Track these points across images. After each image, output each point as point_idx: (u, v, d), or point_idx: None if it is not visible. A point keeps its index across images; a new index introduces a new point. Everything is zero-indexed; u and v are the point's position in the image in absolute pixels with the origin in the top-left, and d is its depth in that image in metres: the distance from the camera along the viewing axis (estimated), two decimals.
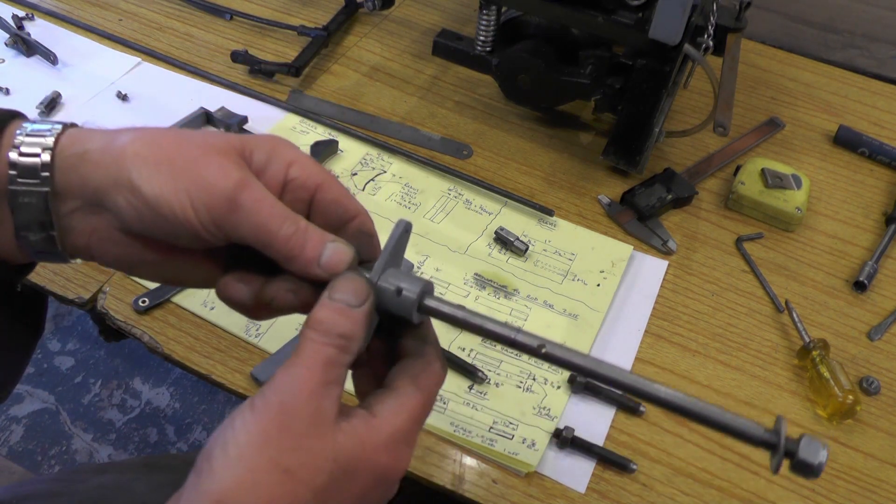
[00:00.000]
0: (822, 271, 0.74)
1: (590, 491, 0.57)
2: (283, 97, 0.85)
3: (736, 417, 0.35)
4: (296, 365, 0.35)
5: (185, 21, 0.95)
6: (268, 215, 0.36)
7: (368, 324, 0.37)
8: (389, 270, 0.38)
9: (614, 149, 0.77)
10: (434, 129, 0.84)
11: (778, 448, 0.34)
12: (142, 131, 0.37)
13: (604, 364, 0.36)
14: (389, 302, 0.38)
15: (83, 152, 0.36)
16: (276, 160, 0.38)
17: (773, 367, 0.66)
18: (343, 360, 0.35)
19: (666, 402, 0.36)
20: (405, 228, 0.39)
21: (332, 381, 0.34)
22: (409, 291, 0.37)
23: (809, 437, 0.33)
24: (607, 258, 0.72)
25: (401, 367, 0.38)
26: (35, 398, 1.35)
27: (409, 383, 0.37)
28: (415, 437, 0.37)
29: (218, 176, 0.35)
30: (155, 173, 0.35)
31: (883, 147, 0.85)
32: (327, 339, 0.35)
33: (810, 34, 1.03)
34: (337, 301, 0.36)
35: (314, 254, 0.37)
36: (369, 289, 0.37)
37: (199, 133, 0.38)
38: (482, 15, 0.76)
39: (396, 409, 0.36)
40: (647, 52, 0.69)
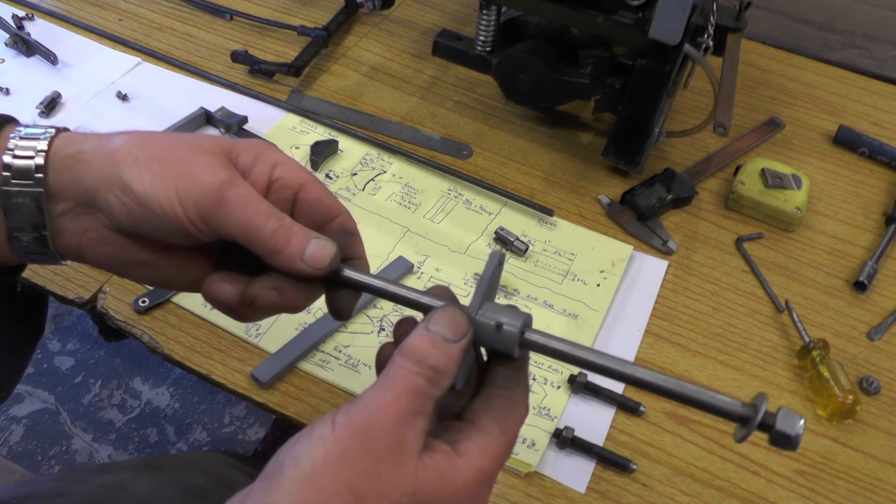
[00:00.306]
0: (822, 271, 0.74)
1: (590, 491, 0.57)
2: (283, 97, 0.85)
3: (714, 394, 0.35)
4: (384, 389, 0.33)
5: (185, 21, 0.95)
6: (253, 211, 0.37)
7: (463, 360, 0.36)
8: (487, 305, 0.38)
9: (614, 149, 0.77)
10: (434, 129, 0.84)
11: (753, 420, 0.34)
12: (134, 134, 0.38)
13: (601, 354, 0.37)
14: (489, 337, 0.37)
15: (76, 153, 0.37)
16: (262, 162, 0.40)
17: (773, 367, 0.66)
18: (432, 393, 0.34)
19: (646, 384, 0.36)
20: (499, 261, 0.39)
21: (419, 413, 0.33)
22: (510, 326, 0.37)
23: (786, 410, 0.34)
24: (607, 258, 0.72)
25: (487, 404, 0.37)
26: (35, 398, 1.35)
27: (496, 423, 0.36)
28: (494, 479, 0.36)
29: (205, 173, 0.37)
30: (145, 171, 0.36)
31: (883, 147, 0.85)
32: (419, 368, 0.34)
33: (810, 34, 1.03)
34: (433, 333, 0.35)
35: (298, 249, 0.38)
36: (469, 325, 0.36)
37: (189, 135, 0.39)
38: (482, 15, 0.76)
39: (482, 449, 0.35)
40: (647, 52, 0.69)
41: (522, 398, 0.38)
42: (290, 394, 0.61)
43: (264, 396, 0.60)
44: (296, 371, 0.62)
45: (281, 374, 0.61)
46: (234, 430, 1.33)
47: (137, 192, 0.36)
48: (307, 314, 0.65)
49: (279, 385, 0.61)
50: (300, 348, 0.62)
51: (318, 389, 0.61)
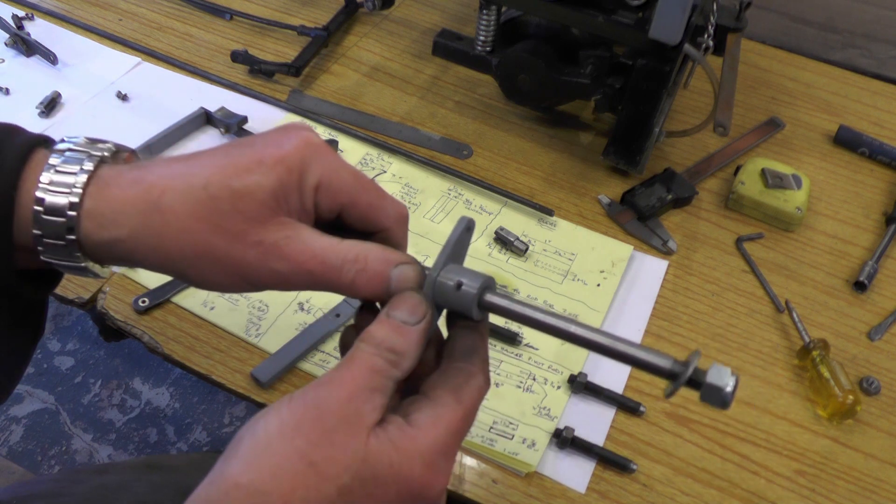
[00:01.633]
0: (823, 271, 0.74)
1: (590, 491, 0.57)
2: (283, 97, 0.85)
3: (647, 351, 0.35)
4: (341, 367, 0.34)
5: (185, 21, 0.95)
6: (322, 272, 0.36)
7: (423, 341, 0.36)
8: (450, 265, 0.38)
9: (614, 149, 0.77)
10: (434, 129, 0.84)
11: (682, 375, 0.33)
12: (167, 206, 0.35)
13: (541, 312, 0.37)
14: (449, 297, 0.37)
15: (112, 241, 0.35)
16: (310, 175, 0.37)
17: (774, 367, 0.66)
18: (391, 373, 0.35)
19: (579, 339, 0.36)
20: (467, 226, 0.39)
21: (376, 389, 0.34)
22: (468, 286, 0.37)
23: (718, 365, 0.33)
24: (607, 258, 0.72)
25: (442, 376, 0.37)
26: (35, 398, 1.35)
27: (450, 394, 0.36)
28: (453, 452, 0.36)
29: (260, 255, 0.36)
30: (201, 266, 0.36)
31: (883, 147, 0.85)
32: (378, 350, 0.35)
33: (810, 34, 1.03)
34: (394, 318, 0.36)
35: (381, 287, 0.37)
36: (427, 307, 0.37)
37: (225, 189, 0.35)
38: (482, 15, 0.76)
39: (434, 420, 0.35)
40: (647, 52, 0.69)
41: (480, 369, 0.38)
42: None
43: (264, 396, 0.60)
44: (296, 371, 0.62)
45: (281, 374, 0.61)
46: (234, 430, 1.33)
47: (197, 282, 0.37)
48: (307, 314, 0.65)
49: (279, 385, 0.61)
50: (300, 348, 0.62)
51: None
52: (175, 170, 0.36)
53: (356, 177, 0.39)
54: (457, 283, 0.37)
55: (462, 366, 0.37)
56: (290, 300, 0.66)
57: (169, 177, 0.36)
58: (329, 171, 0.37)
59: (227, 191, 0.35)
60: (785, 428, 0.62)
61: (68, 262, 0.36)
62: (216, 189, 0.35)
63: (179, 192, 0.35)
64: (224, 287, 0.37)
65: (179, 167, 0.36)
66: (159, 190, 0.35)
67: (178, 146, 0.79)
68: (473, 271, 0.38)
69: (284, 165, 0.36)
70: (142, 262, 0.36)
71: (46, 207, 0.35)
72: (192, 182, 0.35)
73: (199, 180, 0.35)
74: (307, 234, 0.36)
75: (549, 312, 0.37)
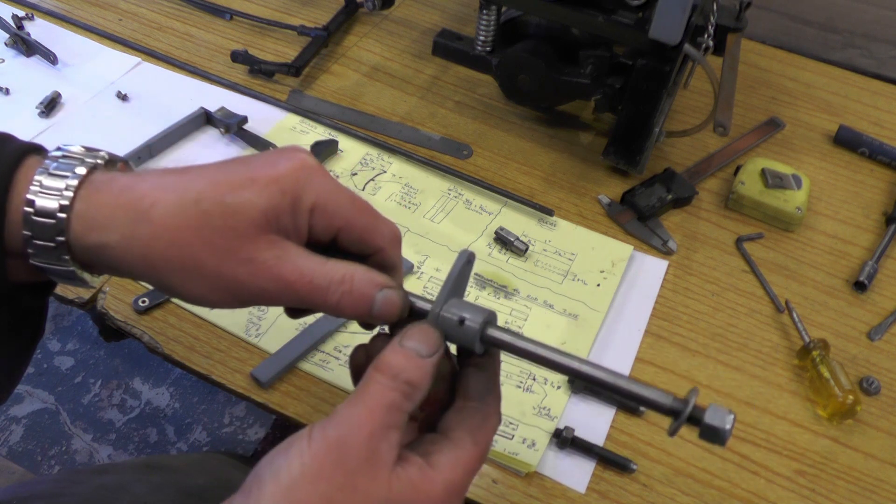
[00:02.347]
0: (823, 271, 0.74)
1: (590, 491, 0.57)
2: (283, 97, 0.85)
3: (647, 387, 0.36)
4: (358, 404, 0.34)
5: (185, 21, 0.95)
6: (308, 292, 0.37)
7: (435, 373, 0.37)
8: (452, 301, 0.39)
9: (614, 149, 0.77)
10: (434, 129, 0.84)
11: (683, 414, 0.35)
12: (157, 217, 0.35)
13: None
14: (452, 332, 0.38)
15: (100, 246, 0.35)
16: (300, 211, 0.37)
17: (774, 367, 0.66)
18: (406, 406, 0.35)
19: (581, 374, 0.37)
20: (468, 259, 0.40)
21: (393, 426, 0.34)
22: (471, 321, 0.38)
23: (716, 406, 0.35)
24: (607, 258, 0.72)
25: (460, 416, 0.38)
26: (35, 398, 1.35)
27: (468, 436, 0.37)
28: (466, 490, 0.37)
29: (249, 273, 0.36)
30: (188, 280, 0.36)
31: (883, 147, 0.85)
32: (393, 383, 0.35)
33: (810, 34, 1.03)
34: (407, 348, 0.36)
35: (365, 309, 0.38)
36: (440, 340, 0.37)
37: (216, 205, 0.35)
38: (482, 15, 0.76)
39: (454, 462, 0.36)
40: (647, 52, 0.69)
41: (494, 409, 0.39)
42: (290, 394, 0.61)
43: (264, 396, 0.60)
44: (296, 371, 0.62)
45: (281, 374, 0.61)
46: (234, 430, 1.33)
47: (186, 296, 0.36)
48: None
49: (279, 385, 0.61)
50: (300, 348, 0.62)
51: (318, 389, 0.61)
52: (168, 181, 0.36)
53: (351, 200, 0.39)
54: (459, 319, 0.38)
55: (478, 406, 0.38)
56: None
57: (161, 188, 0.36)
58: (324, 194, 0.38)
59: (220, 207, 0.35)
60: (785, 428, 0.62)
61: (57, 266, 0.36)
62: (208, 204, 0.35)
63: (170, 205, 0.35)
64: (209, 302, 0.37)
65: (172, 179, 0.36)
66: (150, 200, 0.35)
67: (178, 146, 0.79)
68: (475, 306, 0.39)
69: (278, 186, 0.36)
70: (130, 271, 0.36)
71: (37, 209, 0.35)
72: (185, 195, 0.35)
73: (192, 194, 0.35)
74: (296, 254, 0.37)
75: (550, 348, 0.38)
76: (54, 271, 0.37)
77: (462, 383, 0.40)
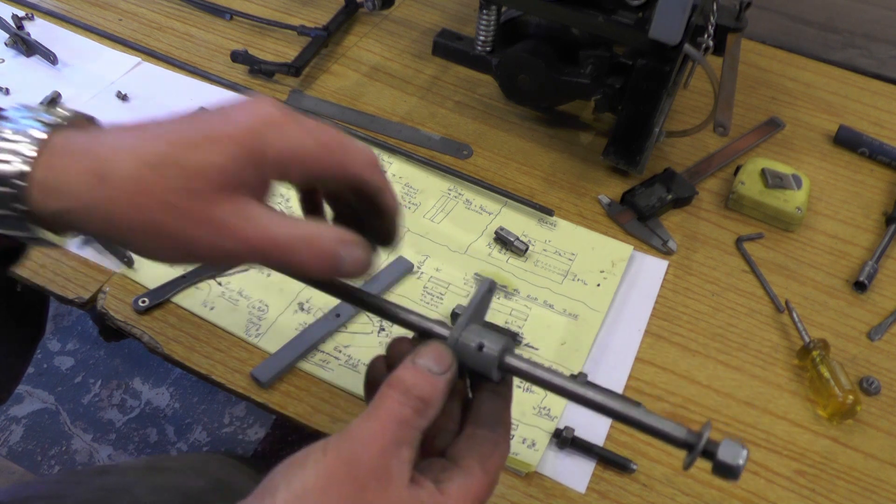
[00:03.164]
0: (823, 271, 0.74)
1: (590, 491, 0.57)
2: (283, 97, 0.85)
3: (660, 420, 0.36)
4: (371, 418, 0.35)
5: (185, 21, 0.95)
6: (271, 250, 0.36)
7: (448, 392, 0.37)
8: (472, 326, 0.39)
9: (614, 149, 0.77)
10: (434, 129, 0.84)
11: (696, 448, 0.35)
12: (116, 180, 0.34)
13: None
14: (470, 357, 0.38)
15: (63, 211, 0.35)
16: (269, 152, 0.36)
17: (774, 367, 0.66)
18: (418, 423, 0.35)
19: (596, 405, 0.37)
20: (489, 287, 0.41)
21: (404, 442, 0.35)
22: (490, 348, 0.38)
23: (730, 440, 0.35)
24: (607, 258, 0.72)
25: (470, 444, 0.38)
26: (35, 398, 1.35)
27: (478, 464, 0.37)
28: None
29: (210, 233, 0.35)
30: (150, 242, 0.35)
31: (883, 147, 0.85)
32: (405, 398, 0.35)
33: (810, 34, 1.03)
34: (420, 366, 0.37)
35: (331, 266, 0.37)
36: (453, 358, 0.38)
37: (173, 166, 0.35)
38: (482, 15, 0.76)
39: (464, 490, 0.36)
40: (647, 52, 0.69)
41: (504, 438, 0.39)
42: (290, 394, 0.61)
43: (264, 396, 0.60)
44: (296, 371, 0.62)
45: (281, 374, 0.61)
46: (234, 430, 1.33)
47: (146, 255, 0.36)
48: (307, 314, 0.65)
49: (279, 385, 0.61)
50: (300, 348, 0.62)
51: (318, 389, 0.61)
52: (126, 142, 0.36)
53: (319, 143, 0.37)
54: (478, 345, 0.38)
55: (489, 434, 0.39)
56: (290, 300, 0.66)
57: (119, 149, 0.35)
58: (289, 145, 0.36)
59: (177, 168, 0.34)
60: (785, 428, 0.62)
61: (20, 233, 0.35)
62: (166, 167, 0.35)
63: (129, 168, 0.34)
64: (172, 260, 0.37)
65: (131, 140, 0.36)
66: (109, 164, 0.35)
67: None
68: (494, 333, 0.39)
69: (238, 143, 0.35)
70: (95, 234, 0.36)
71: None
72: (142, 157, 0.35)
73: (150, 156, 0.35)
74: (259, 213, 0.36)
75: (565, 377, 0.38)
76: (18, 236, 0.36)
77: (474, 410, 0.40)
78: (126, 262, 0.67)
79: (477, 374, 0.40)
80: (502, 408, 0.41)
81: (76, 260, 0.67)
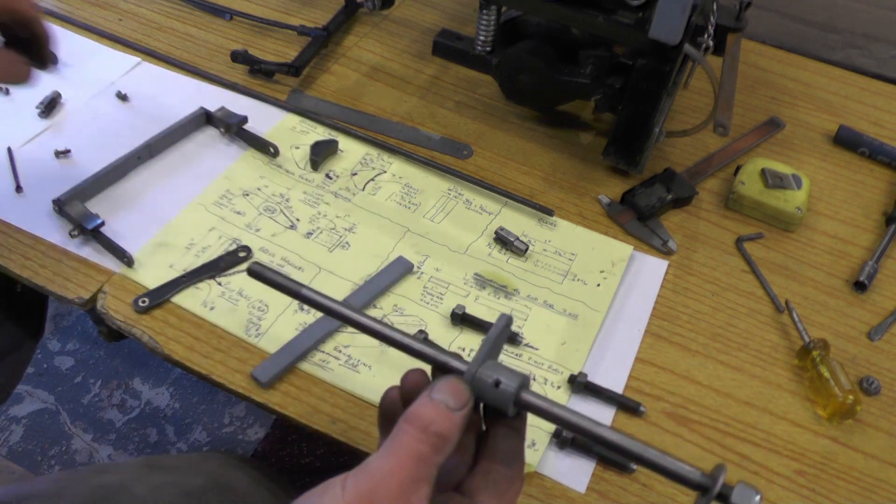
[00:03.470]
0: (823, 271, 0.74)
1: (590, 491, 0.57)
2: (283, 97, 0.85)
3: (675, 461, 0.37)
4: (389, 456, 0.35)
5: (185, 21, 0.95)
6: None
7: (464, 426, 0.37)
8: (488, 362, 0.39)
9: (614, 149, 0.77)
10: (434, 129, 0.84)
11: (711, 491, 0.35)
12: None
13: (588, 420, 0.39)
14: (487, 393, 0.39)
15: None
16: None
17: (773, 367, 0.66)
18: (435, 459, 0.36)
19: (609, 444, 0.38)
20: (506, 323, 0.41)
21: (423, 479, 0.35)
22: (506, 385, 0.38)
23: (744, 484, 0.35)
24: (607, 258, 0.72)
25: (486, 479, 0.39)
26: (35, 398, 1.35)
27: (495, 500, 0.38)
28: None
29: None
30: None
31: (883, 147, 0.85)
32: (423, 435, 0.35)
33: (810, 34, 1.03)
34: (437, 401, 0.37)
35: None
36: (470, 394, 0.38)
37: None
38: (482, 15, 0.76)
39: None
40: (647, 52, 0.69)
41: (519, 473, 0.40)
42: (290, 394, 0.61)
43: (264, 396, 0.60)
44: (296, 371, 0.62)
45: (281, 374, 0.61)
46: (234, 430, 1.33)
47: None
48: (307, 314, 0.65)
49: (279, 385, 0.61)
50: (300, 348, 0.62)
51: (318, 389, 0.61)
52: None
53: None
54: (495, 381, 0.38)
55: (505, 470, 0.39)
56: (291, 300, 0.66)
57: None
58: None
59: None
60: (785, 428, 0.62)
61: None
62: None
63: None
64: None
65: None
66: None
67: (178, 146, 0.79)
68: (510, 369, 0.39)
69: None
70: None
71: None
72: None
73: None
74: None
75: (582, 416, 0.39)
76: None
77: (489, 445, 0.40)
78: (126, 261, 0.67)
79: (493, 410, 0.40)
80: (517, 443, 0.41)
81: (76, 260, 0.67)
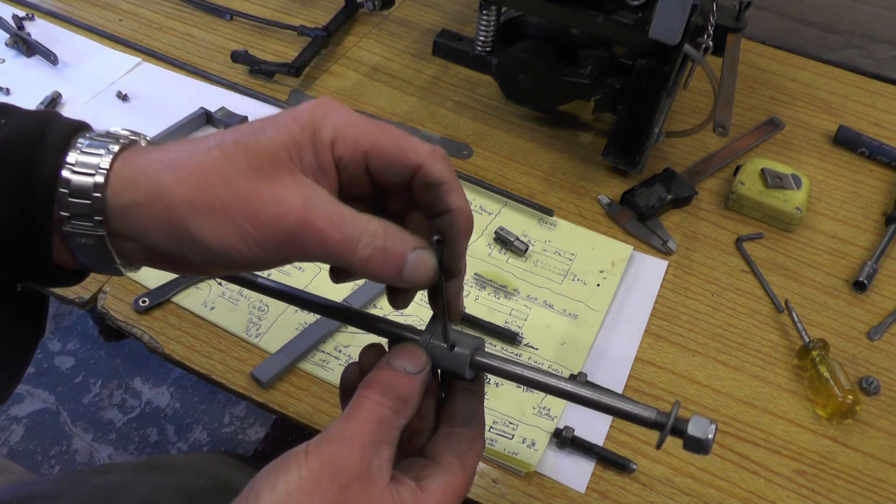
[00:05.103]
0: (822, 271, 0.74)
1: (590, 491, 0.57)
2: (283, 97, 0.85)
3: (630, 403, 0.38)
4: (350, 420, 0.35)
5: (185, 21, 0.95)
6: (337, 242, 0.34)
7: (423, 391, 0.38)
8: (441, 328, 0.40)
9: (614, 149, 0.77)
10: (434, 129, 0.84)
11: (667, 426, 0.36)
12: (181, 164, 0.35)
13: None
14: (443, 357, 0.40)
15: (131, 205, 0.35)
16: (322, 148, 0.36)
17: (773, 367, 0.66)
18: (396, 422, 0.36)
19: (567, 394, 0.39)
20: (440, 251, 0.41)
21: (384, 441, 0.35)
22: (462, 348, 0.39)
23: (698, 416, 0.36)
24: (607, 258, 0.72)
25: (447, 441, 0.39)
26: (35, 398, 1.35)
27: (457, 460, 0.38)
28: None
29: (276, 214, 0.34)
30: (213, 223, 0.34)
31: (883, 147, 0.85)
32: (383, 399, 0.36)
33: (810, 34, 1.03)
34: (395, 366, 0.37)
35: (396, 268, 0.36)
36: (427, 358, 0.39)
37: (239, 147, 0.35)
38: (482, 15, 0.76)
39: (444, 486, 0.37)
40: (647, 52, 0.69)
41: (480, 434, 0.40)
42: (290, 394, 0.61)
43: (264, 396, 0.60)
44: (296, 371, 0.62)
45: (281, 374, 0.61)
46: (234, 430, 1.33)
47: (211, 246, 0.34)
48: (307, 314, 0.65)
49: (279, 385, 0.61)
50: (300, 348, 0.62)
51: (318, 389, 0.61)
52: (197, 141, 0.36)
53: (374, 124, 0.37)
54: (451, 345, 0.39)
55: (464, 431, 0.40)
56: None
57: (188, 142, 0.36)
58: (343, 123, 0.36)
59: (242, 148, 0.35)
60: (785, 428, 0.62)
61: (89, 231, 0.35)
62: (231, 147, 0.35)
63: (194, 153, 0.35)
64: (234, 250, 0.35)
65: (202, 138, 0.37)
66: (176, 152, 0.35)
67: None
68: (465, 333, 0.40)
69: (296, 122, 0.35)
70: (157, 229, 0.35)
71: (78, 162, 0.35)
72: (208, 143, 0.35)
73: (215, 140, 0.35)
74: (326, 199, 0.35)
75: (536, 370, 0.40)
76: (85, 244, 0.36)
77: (448, 409, 0.41)
78: None
79: (450, 374, 0.41)
80: (476, 405, 0.41)
81: None
